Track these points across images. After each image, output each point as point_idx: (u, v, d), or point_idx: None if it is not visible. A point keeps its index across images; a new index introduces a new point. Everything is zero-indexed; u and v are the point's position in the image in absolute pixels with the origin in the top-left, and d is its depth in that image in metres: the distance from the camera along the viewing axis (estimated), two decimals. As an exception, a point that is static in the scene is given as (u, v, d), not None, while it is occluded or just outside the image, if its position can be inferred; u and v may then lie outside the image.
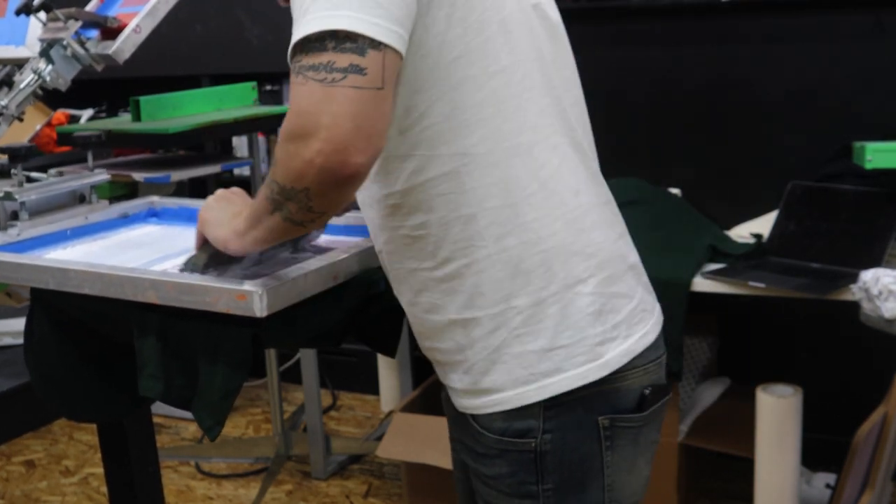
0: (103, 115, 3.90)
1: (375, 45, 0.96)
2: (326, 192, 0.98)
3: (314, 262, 1.24)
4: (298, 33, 0.97)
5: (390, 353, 1.42)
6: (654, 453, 1.24)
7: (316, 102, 0.95)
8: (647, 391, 1.17)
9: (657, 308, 1.25)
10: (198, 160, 2.98)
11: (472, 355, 1.14)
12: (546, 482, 1.14)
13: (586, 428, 1.14)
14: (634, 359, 1.16)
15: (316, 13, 0.96)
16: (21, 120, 2.17)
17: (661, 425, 1.25)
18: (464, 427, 1.20)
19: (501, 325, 1.12)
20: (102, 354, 1.39)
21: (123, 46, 2.09)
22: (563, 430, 1.13)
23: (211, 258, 1.22)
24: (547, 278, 1.11)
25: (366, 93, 0.95)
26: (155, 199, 1.87)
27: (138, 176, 2.61)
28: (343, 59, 0.95)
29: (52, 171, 2.02)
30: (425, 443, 2.62)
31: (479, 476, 1.19)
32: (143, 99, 2.71)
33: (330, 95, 0.94)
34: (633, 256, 1.23)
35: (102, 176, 1.97)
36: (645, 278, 1.25)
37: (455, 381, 1.18)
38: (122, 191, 2.72)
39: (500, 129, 1.09)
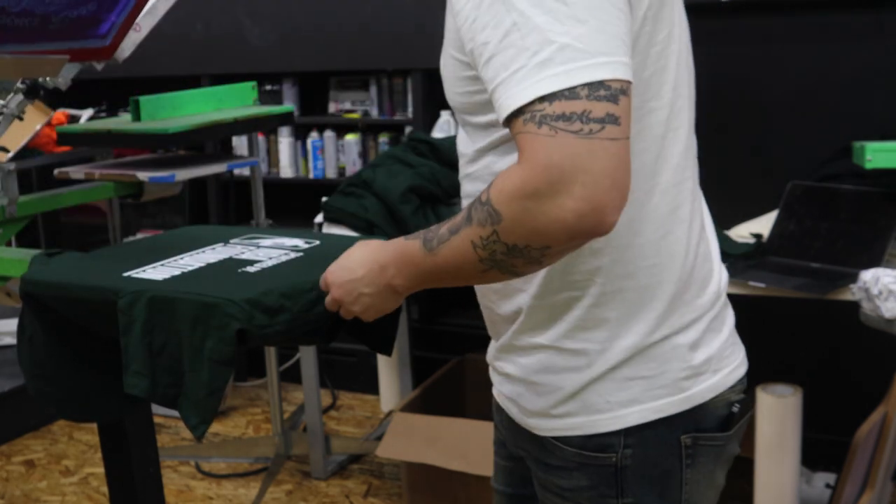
0: (103, 115, 3.90)
1: (625, 91, 0.89)
2: (569, 249, 0.94)
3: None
4: (545, 87, 0.88)
5: (386, 351, 1.41)
6: (732, 462, 1.22)
7: (572, 157, 0.87)
8: (735, 408, 1.15)
9: (741, 345, 1.22)
10: (200, 160, 2.98)
11: (556, 382, 1.10)
12: (626, 496, 1.11)
13: (668, 445, 1.11)
14: (722, 392, 1.13)
15: (567, 64, 0.88)
16: (21, 119, 2.17)
17: (742, 437, 1.21)
18: (529, 437, 1.17)
19: (596, 363, 1.08)
20: (93, 352, 1.39)
21: (123, 45, 2.09)
22: (644, 446, 1.10)
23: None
24: (655, 325, 1.08)
25: (621, 144, 0.88)
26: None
27: (143, 175, 2.61)
28: (599, 109, 0.88)
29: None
30: (425, 443, 2.62)
31: (552, 488, 1.15)
32: (143, 99, 2.71)
33: (590, 150, 0.87)
34: (725, 283, 1.19)
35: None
36: (731, 309, 1.21)
37: (525, 399, 1.14)
38: (128, 190, 2.73)
39: (646, 164, 1.05)
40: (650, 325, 1.08)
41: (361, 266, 1.11)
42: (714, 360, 1.12)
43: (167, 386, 1.22)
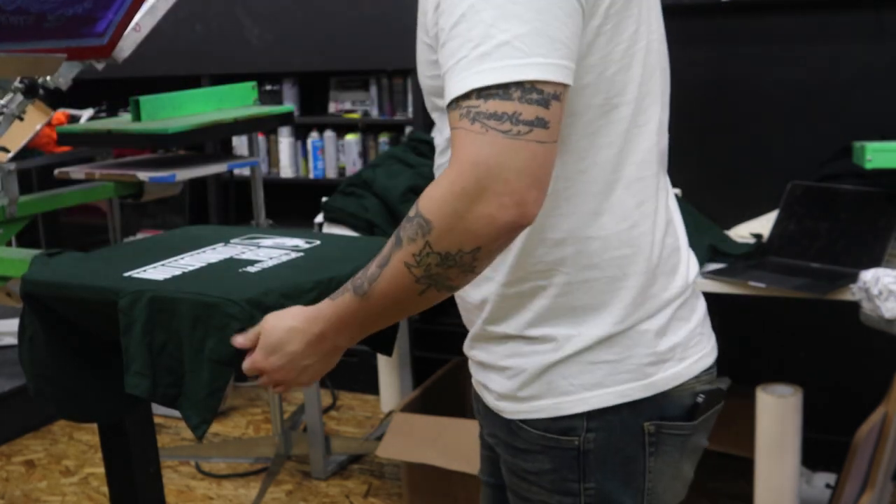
0: (103, 115, 3.91)
1: (557, 95, 0.92)
2: (497, 249, 0.96)
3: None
4: (480, 79, 0.91)
5: (387, 351, 1.41)
6: (700, 455, 1.22)
7: (498, 155, 0.90)
8: (699, 399, 1.14)
9: (712, 334, 1.22)
10: (200, 160, 2.98)
11: (522, 364, 1.12)
12: (588, 481, 1.12)
13: (631, 431, 1.11)
14: (686, 381, 1.13)
15: (503, 60, 0.91)
16: (21, 119, 2.18)
17: (710, 429, 1.21)
18: (500, 422, 1.18)
19: (563, 347, 1.10)
20: (94, 353, 1.38)
21: (123, 45, 2.09)
22: (607, 430, 1.11)
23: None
24: (621, 316, 1.09)
25: (547, 147, 0.92)
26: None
27: (143, 175, 2.61)
28: (529, 112, 0.91)
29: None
30: (425, 443, 2.62)
31: (517, 471, 1.17)
32: (143, 99, 2.71)
33: (515, 149, 0.90)
34: (694, 275, 1.20)
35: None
36: (702, 299, 1.22)
37: (495, 383, 1.16)
38: (129, 190, 2.73)
39: (609, 159, 1.06)
40: (617, 315, 1.09)
41: (293, 343, 1.11)
42: (679, 347, 1.13)
43: (168, 386, 1.22)
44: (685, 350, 1.13)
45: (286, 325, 1.12)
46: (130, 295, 1.23)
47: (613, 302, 1.09)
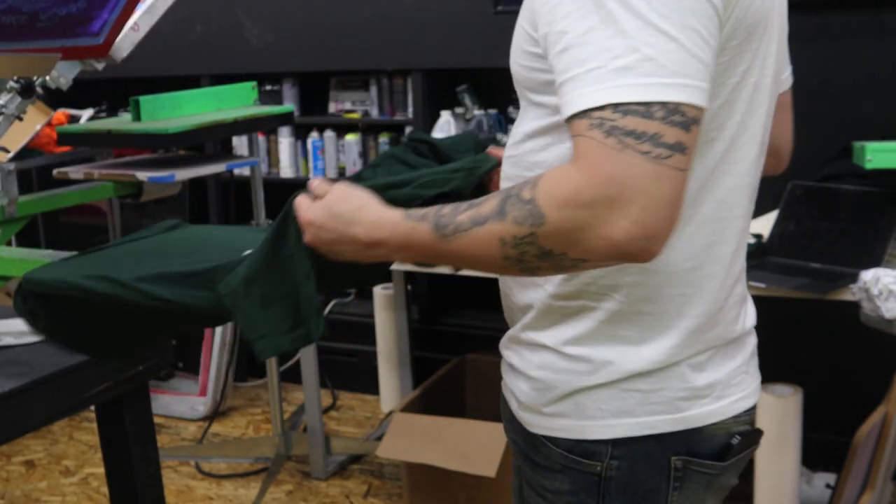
0: (103, 115, 3.90)
1: (697, 121, 0.86)
2: (601, 266, 0.92)
3: None
4: (620, 94, 0.84)
5: (381, 280, 1.35)
6: (727, 493, 1.16)
7: (637, 177, 0.83)
8: (734, 440, 1.09)
9: (758, 374, 1.17)
10: (200, 160, 2.98)
11: (552, 380, 1.08)
12: None
13: (656, 464, 1.06)
14: (723, 420, 1.08)
15: (648, 77, 0.84)
16: (21, 120, 2.17)
17: (741, 470, 1.15)
18: (522, 432, 1.14)
19: (598, 372, 1.05)
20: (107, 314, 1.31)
21: (121, 45, 2.09)
22: (631, 460, 1.06)
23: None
24: (666, 355, 1.04)
25: (682, 176, 0.85)
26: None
27: (142, 175, 2.61)
28: (671, 135, 0.84)
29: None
30: (425, 443, 2.62)
31: (536, 486, 1.13)
32: (143, 99, 2.71)
33: (657, 175, 0.83)
34: (751, 323, 1.16)
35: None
36: (754, 336, 1.18)
37: (520, 391, 1.12)
38: (128, 190, 2.73)
39: (689, 192, 0.97)
40: (662, 353, 1.04)
41: (353, 227, 1.02)
42: (720, 385, 1.07)
43: (290, 330, 1.10)
44: (725, 388, 1.08)
45: (357, 206, 1.02)
46: (225, 277, 1.14)
47: (661, 339, 1.04)
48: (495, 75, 2.49)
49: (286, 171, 3.94)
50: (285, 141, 3.91)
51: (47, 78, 2.04)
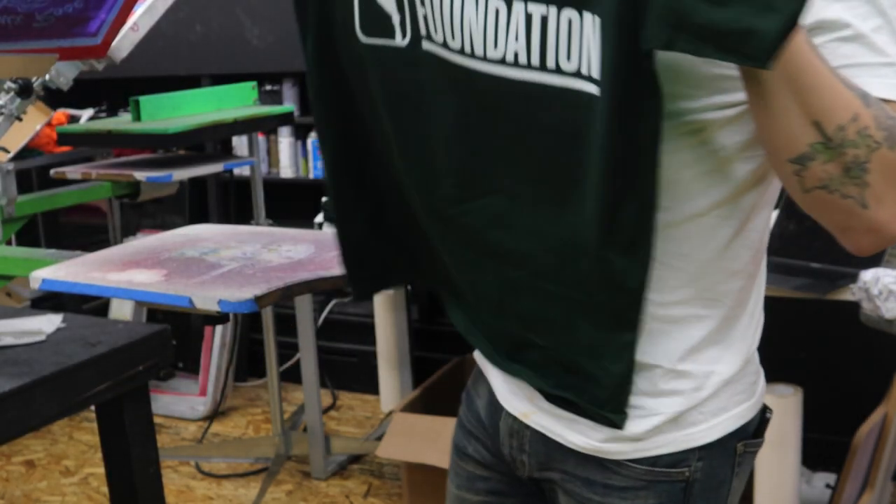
0: (103, 115, 3.91)
1: None
2: (856, 237, 0.88)
3: None
4: None
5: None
6: None
7: None
8: (768, 414, 1.10)
9: None
10: (198, 160, 2.98)
11: (655, 406, 1.01)
12: None
13: (728, 453, 1.06)
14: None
15: None
16: (21, 120, 2.18)
17: None
18: (578, 459, 1.06)
19: (704, 387, 1.02)
20: None
21: (120, 45, 2.10)
22: (711, 457, 1.04)
23: None
24: (750, 346, 1.05)
25: None
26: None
27: (140, 175, 2.61)
28: None
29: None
30: (425, 443, 2.62)
31: None
32: (143, 99, 2.71)
33: None
34: None
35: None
36: None
37: (591, 429, 1.03)
38: (126, 190, 2.73)
39: (773, 183, 0.99)
40: (748, 347, 1.05)
41: None
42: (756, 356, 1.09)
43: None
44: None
45: None
46: None
47: (747, 337, 1.05)
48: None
49: (286, 171, 3.94)
50: (285, 141, 3.91)
51: (47, 78, 2.04)
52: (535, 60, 0.90)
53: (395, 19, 0.98)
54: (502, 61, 0.91)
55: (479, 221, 1.01)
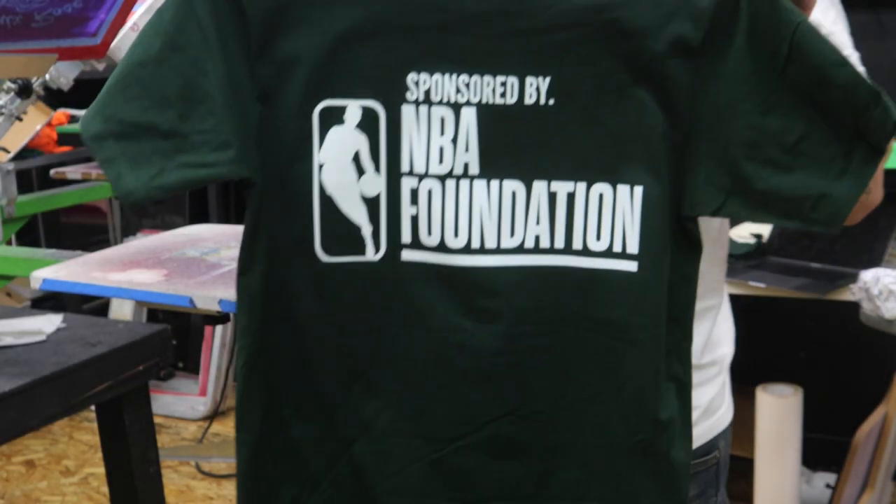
0: (103, 115, 3.90)
1: None
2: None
3: None
4: None
5: None
6: None
7: None
8: None
9: None
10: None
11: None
12: (720, 491, 1.10)
13: (727, 428, 1.13)
14: None
15: None
16: (21, 120, 2.18)
17: None
18: None
19: (722, 371, 1.11)
20: None
21: (121, 45, 2.09)
22: (727, 434, 1.12)
23: None
24: (732, 321, 1.15)
25: None
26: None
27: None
28: None
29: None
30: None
31: None
32: (143, 99, 2.71)
33: None
34: None
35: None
36: None
37: None
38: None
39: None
40: (732, 333, 1.15)
41: None
42: None
43: None
44: None
45: None
46: None
47: (729, 312, 1.14)
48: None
49: (286, 171, 3.94)
50: (285, 141, 3.91)
51: (47, 78, 2.05)
52: (560, 243, 0.83)
53: (366, 231, 0.85)
54: (519, 249, 0.83)
55: (483, 455, 0.88)
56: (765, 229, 2.56)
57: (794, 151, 0.80)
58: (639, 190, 0.81)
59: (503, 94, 0.81)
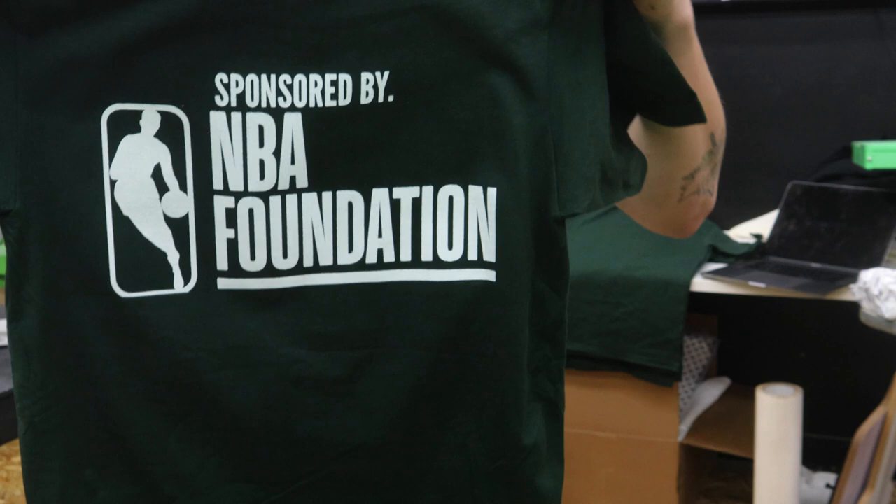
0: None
1: None
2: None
3: None
4: None
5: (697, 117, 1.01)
6: None
7: None
8: None
9: None
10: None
11: None
12: None
13: None
14: None
15: None
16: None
17: None
18: None
19: None
20: None
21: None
22: None
23: None
24: None
25: None
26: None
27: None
28: None
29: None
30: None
31: None
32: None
33: None
34: None
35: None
36: None
37: None
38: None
39: None
40: None
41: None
42: None
43: None
44: None
45: None
46: None
47: None
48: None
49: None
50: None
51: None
52: (406, 255, 0.73)
53: (172, 258, 0.71)
54: (360, 265, 0.72)
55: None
56: (765, 229, 2.56)
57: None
58: (492, 191, 0.72)
59: (334, 96, 0.69)
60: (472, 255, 0.73)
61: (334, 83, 0.69)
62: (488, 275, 0.73)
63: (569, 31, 0.73)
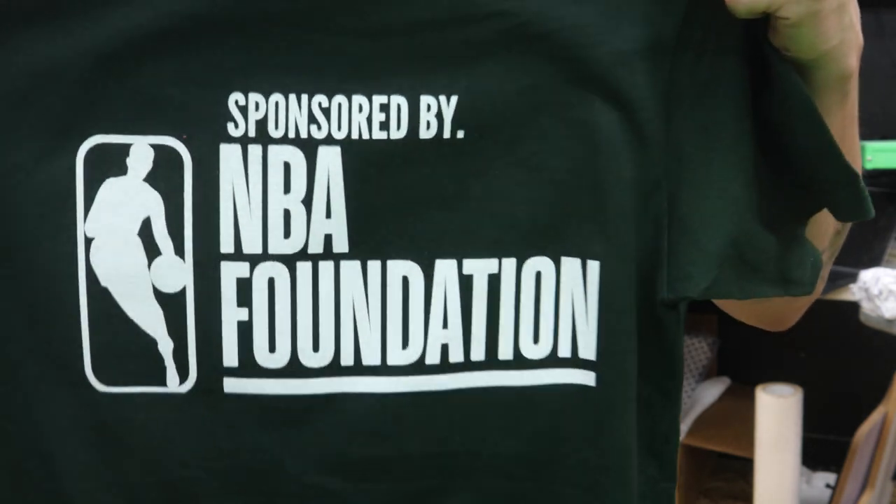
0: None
1: None
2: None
3: None
4: None
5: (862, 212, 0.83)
6: None
7: None
8: None
9: None
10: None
11: None
12: None
13: None
14: None
15: None
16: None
17: None
18: None
19: None
20: None
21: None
22: None
23: None
24: None
25: None
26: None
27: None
28: None
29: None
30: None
31: None
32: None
33: None
34: None
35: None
36: None
37: None
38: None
39: None
40: None
41: None
42: None
43: None
44: None
45: None
46: None
47: None
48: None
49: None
50: (285, 141, 3.91)
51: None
52: (479, 353, 0.55)
53: (164, 347, 0.53)
54: (418, 366, 0.54)
55: None
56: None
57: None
58: (594, 265, 0.55)
59: (384, 125, 0.51)
60: (565, 352, 0.55)
61: (384, 108, 0.51)
62: (586, 377, 0.56)
63: (699, 61, 0.54)
